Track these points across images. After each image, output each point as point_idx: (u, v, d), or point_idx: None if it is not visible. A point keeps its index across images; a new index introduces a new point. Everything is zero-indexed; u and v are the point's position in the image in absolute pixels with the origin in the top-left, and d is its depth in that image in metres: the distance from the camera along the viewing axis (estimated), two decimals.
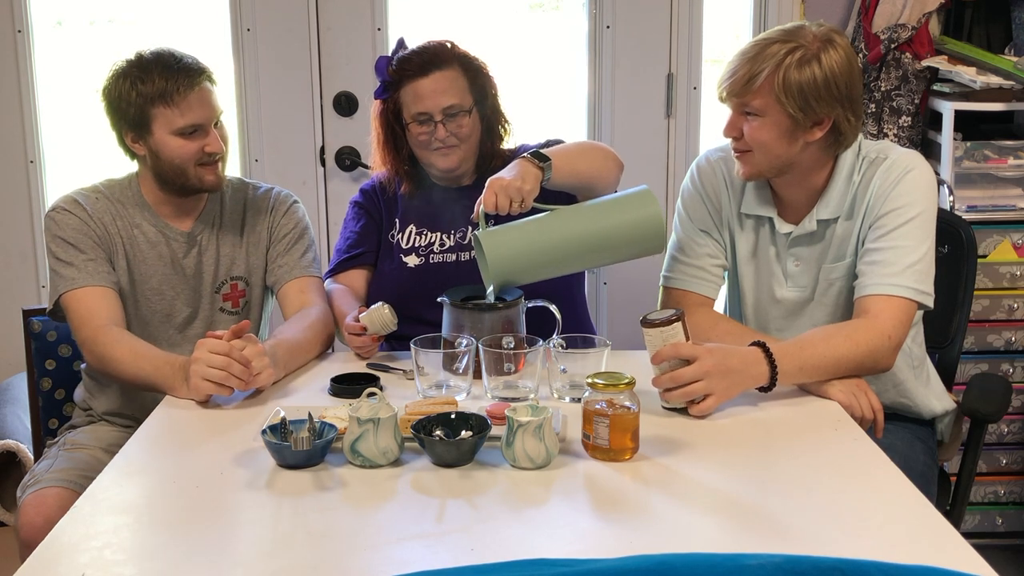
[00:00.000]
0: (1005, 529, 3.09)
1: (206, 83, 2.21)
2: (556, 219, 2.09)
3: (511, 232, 2.08)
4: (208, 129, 2.21)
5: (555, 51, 3.35)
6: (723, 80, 2.02)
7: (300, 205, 2.40)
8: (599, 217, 2.09)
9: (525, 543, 1.44)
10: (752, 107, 1.99)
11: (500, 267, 2.05)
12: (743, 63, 1.99)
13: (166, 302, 2.29)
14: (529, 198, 2.06)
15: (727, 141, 2.10)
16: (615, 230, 2.08)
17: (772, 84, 1.96)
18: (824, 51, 1.97)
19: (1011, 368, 3.00)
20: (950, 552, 1.42)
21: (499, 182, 2.05)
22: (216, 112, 2.22)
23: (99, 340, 2.12)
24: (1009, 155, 2.98)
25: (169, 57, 2.19)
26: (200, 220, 2.31)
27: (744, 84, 1.98)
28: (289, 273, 2.33)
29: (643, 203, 2.10)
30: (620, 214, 2.09)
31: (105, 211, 2.25)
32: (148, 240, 2.27)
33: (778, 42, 1.97)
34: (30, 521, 2.03)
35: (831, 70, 1.96)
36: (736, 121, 2.03)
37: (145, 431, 1.87)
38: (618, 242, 2.09)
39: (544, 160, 2.10)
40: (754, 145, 2.02)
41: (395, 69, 2.32)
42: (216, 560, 1.43)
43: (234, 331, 1.98)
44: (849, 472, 1.69)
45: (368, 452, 1.68)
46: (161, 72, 2.16)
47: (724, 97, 2.03)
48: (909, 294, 1.99)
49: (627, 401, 1.71)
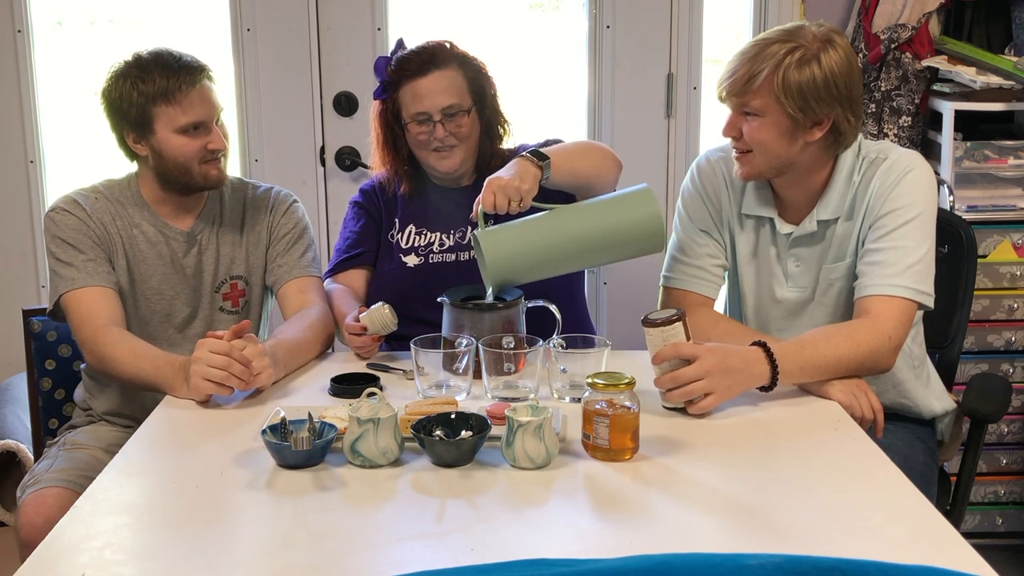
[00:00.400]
0: (1005, 529, 3.09)
1: (206, 81, 2.22)
2: (555, 218, 2.09)
3: (510, 232, 2.08)
4: (210, 126, 2.21)
5: (555, 51, 3.35)
6: (723, 80, 2.02)
7: (300, 205, 2.40)
8: (598, 216, 2.09)
9: (525, 543, 1.44)
10: (751, 107, 1.99)
11: (499, 267, 2.05)
12: (743, 63, 1.98)
13: (166, 302, 2.29)
14: (527, 197, 2.06)
15: (727, 141, 2.10)
16: (614, 229, 2.08)
17: (772, 84, 1.96)
18: (824, 51, 1.96)
19: (1011, 368, 3.00)
20: (950, 552, 1.42)
21: (497, 181, 2.05)
22: (217, 109, 2.23)
23: (99, 340, 2.12)
24: (1009, 155, 2.98)
25: (168, 56, 2.19)
26: (200, 219, 2.31)
27: (744, 84, 1.98)
28: (289, 273, 2.33)
29: (642, 202, 2.09)
30: (619, 213, 2.09)
31: (104, 211, 2.25)
32: (148, 240, 2.27)
33: (778, 42, 1.97)
34: (30, 521, 2.03)
35: (831, 70, 1.96)
36: (735, 121, 2.03)
37: (145, 431, 1.87)
38: (617, 241, 2.09)
39: (543, 159, 2.10)
40: (754, 145, 2.02)
41: (394, 69, 2.32)
42: (216, 560, 1.43)
43: (234, 331, 1.98)
44: (849, 472, 1.69)
45: (368, 452, 1.68)
46: (162, 71, 2.17)
47: (723, 97, 2.03)
48: (909, 294, 1.99)
49: (627, 401, 1.71)
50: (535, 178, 2.09)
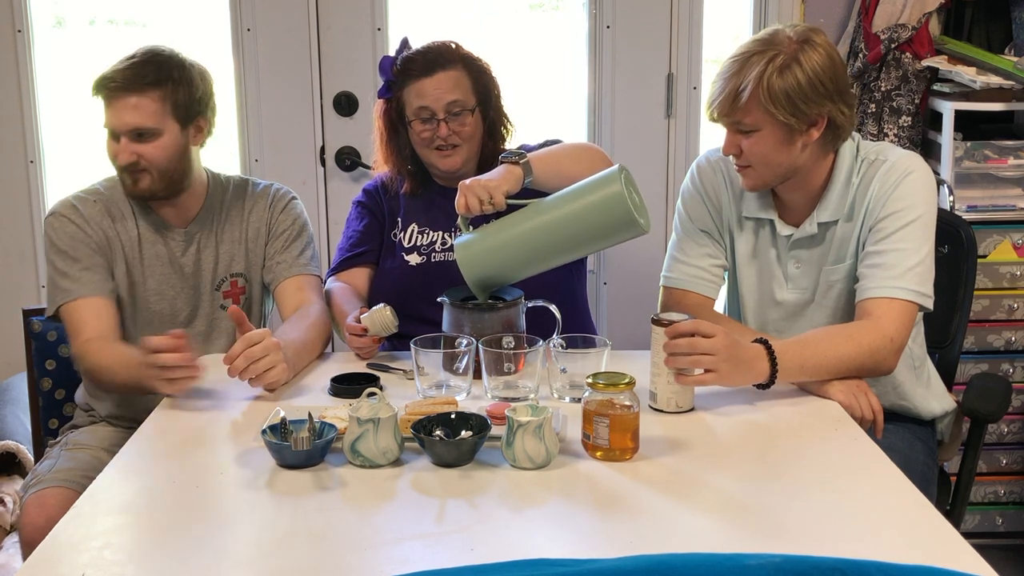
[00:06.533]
0: (1005, 529, 3.09)
1: (146, 92, 2.14)
2: (524, 213, 2.08)
3: (483, 234, 2.09)
4: (122, 138, 2.16)
5: (555, 51, 3.35)
6: (711, 102, 2.01)
7: (299, 202, 2.39)
8: (563, 204, 2.07)
9: (525, 543, 1.44)
10: (745, 124, 1.98)
11: (472, 271, 2.05)
12: (726, 81, 1.97)
13: (167, 302, 2.29)
14: (498, 194, 2.05)
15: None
16: (578, 214, 2.04)
17: (758, 97, 1.94)
18: (803, 52, 1.95)
19: (1011, 368, 3.00)
20: (950, 552, 1.42)
21: (465, 183, 2.07)
22: (140, 126, 2.15)
23: (88, 353, 2.15)
24: (1009, 155, 2.98)
25: (135, 56, 2.17)
26: (198, 218, 2.31)
27: (731, 103, 1.97)
28: (287, 270, 2.32)
29: (605, 183, 2.04)
30: (582, 197, 2.05)
31: (103, 214, 2.25)
32: (146, 239, 2.27)
33: (756, 54, 1.96)
34: (32, 521, 2.03)
35: (813, 70, 1.95)
36: (733, 139, 2.02)
37: (145, 431, 1.87)
38: (586, 226, 2.04)
39: (522, 158, 2.11)
40: (754, 160, 2.01)
41: (399, 69, 2.32)
42: (216, 560, 1.43)
43: (171, 337, 1.94)
44: (849, 472, 1.69)
45: (368, 452, 1.68)
46: (112, 67, 2.16)
47: (716, 118, 2.02)
48: (911, 296, 1.99)
49: (627, 401, 1.72)
50: (514, 178, 2.09)
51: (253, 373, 1.93)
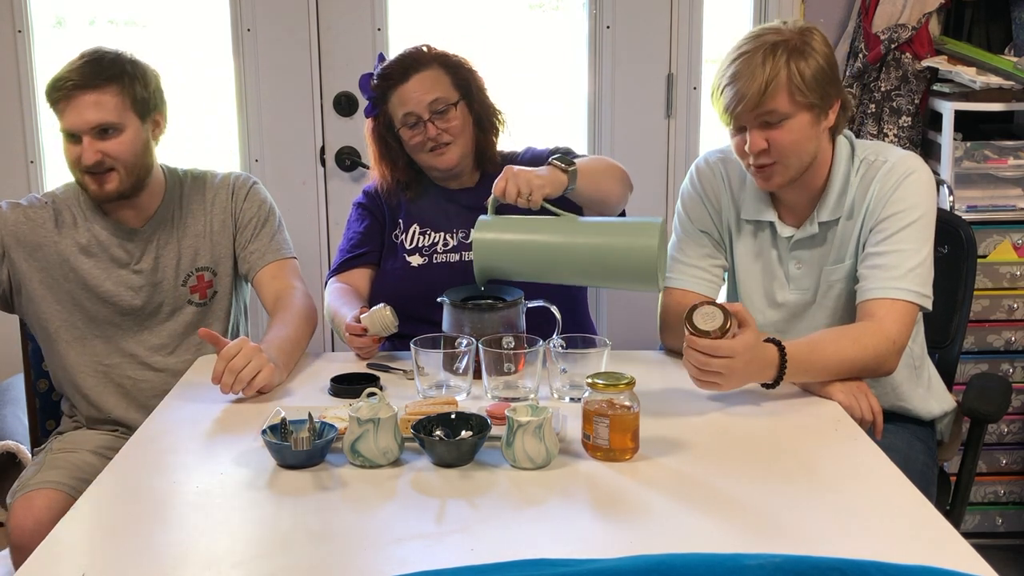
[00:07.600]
0: (1005, 529, 3.09)
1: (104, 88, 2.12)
2: (553, 224, 2.09)
3: (506, 220, 2.10)
4: (83, 138, 2.13)
5: (555, 51, 3.35)
6: (731, 104, 1.97)
7: (260, 187, 2.37)
8: (593, 234, 2.08)
9: (525, 543, 1.44)
10: (777, 112, 1.96)
11: (483, 257, 2.06)
12: (748, 80, 1.95)
13: (125, 301, 2.27)
14: (538, 193, 2.06)
15: (728, 142, 2.09)
16: (604, 251, 2.06)
17: (790, 83, 1.95)
18: (810, 39, 1.98)
19: (1011, 368, 3.00)
20: (950, 552, 1.42)
21: (512, 169, 2.07)
22: (102, 122, 2.13)
23: None
24: (1009, 155, 2.98)
25: (82, 56, 2.15)
26: (156, 216, 2.28)
27: (760, 95, 1.95)
28: (262, 259, 2.31)
29: (641, 232, 2.05)
30: (614, 236, 2.07)
31: (47, 219, 2.24)
32: (99, 243, 2.25)
33: (769, 45, 1.95)
34: (19, 524, 2.03)
35: (824, 54, 1.99)
36: (759, 136, 1.99)
37: (145, 431, 1.87)
38: (607, 264, 2.06)
39: (571, 166, 2.12)
40: (785, 150, 1.99)
41: (378, 83, 2.34)
42: (216, 560, 1.43)
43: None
44: (849, 472, 1.69)
45: (368, 452, 1.68)
46: (64, 69, 2.13)
47: (739, 115, 1.98)
48: (912, 297, 2.00)
49: (627, 401, 1.71)
50: (559, 183, 2.10)
51: (241, 384, 1.93)
